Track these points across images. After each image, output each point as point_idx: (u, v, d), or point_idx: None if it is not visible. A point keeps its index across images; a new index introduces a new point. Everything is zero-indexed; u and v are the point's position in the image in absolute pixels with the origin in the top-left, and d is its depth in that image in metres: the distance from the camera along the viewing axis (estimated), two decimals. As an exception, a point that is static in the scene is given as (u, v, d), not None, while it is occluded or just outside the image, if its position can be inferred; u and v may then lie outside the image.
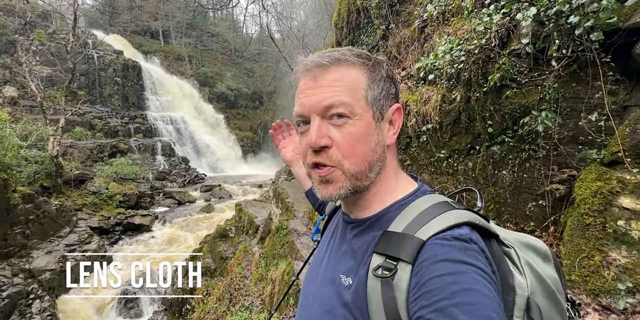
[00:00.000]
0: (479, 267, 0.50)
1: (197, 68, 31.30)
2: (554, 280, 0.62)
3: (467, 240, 0.53)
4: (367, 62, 0.65)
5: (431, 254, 0.52)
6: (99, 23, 29.66)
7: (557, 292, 0.61)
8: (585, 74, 2.20)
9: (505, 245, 0.62)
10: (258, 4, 12.06)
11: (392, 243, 0.57)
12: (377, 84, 0.65)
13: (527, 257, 0.63)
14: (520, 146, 2.66)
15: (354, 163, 0.62)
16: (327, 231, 0.84)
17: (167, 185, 17.22)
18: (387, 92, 0.66)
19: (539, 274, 0.61)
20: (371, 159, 0.63)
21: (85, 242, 9.06)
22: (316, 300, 0.69)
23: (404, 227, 0.59)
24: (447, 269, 0.49)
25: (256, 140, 31.59)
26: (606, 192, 1.95)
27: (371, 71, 0.65)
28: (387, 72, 0.67)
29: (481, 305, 0.45)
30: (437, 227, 0.55)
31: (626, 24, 1.94)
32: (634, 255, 1.75)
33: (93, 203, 12.21)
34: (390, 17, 5.30)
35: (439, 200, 0.63)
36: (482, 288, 0.47)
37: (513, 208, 2.74)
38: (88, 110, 20.22)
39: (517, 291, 0.57)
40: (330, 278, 0.67)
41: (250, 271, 5.88)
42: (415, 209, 0.62)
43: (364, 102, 0.62)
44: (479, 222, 0.58)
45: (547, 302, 0.59)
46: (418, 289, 0.50)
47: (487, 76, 2.75)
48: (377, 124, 0.64)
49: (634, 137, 1.96)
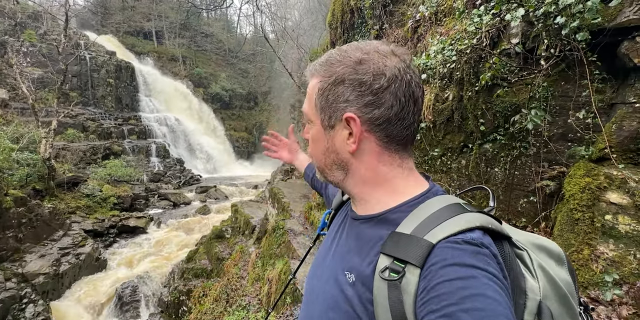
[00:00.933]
0: (490, 272, 0.49)
1: (191, 69, 31.14)
2: (567, 284, 0.61)
3: (478, 244, 0.52)
4: (328, 68, 0.66)
5: (441, 257, 0.51)
6: (91, 24, 29.36)
7: (570, 296, 0.60)
8: (573, 73, 2.25)
9: (518, 247, 0.61)
10: (252, 4, 12.04)
11: (400, 245, 0.56)
12: (330, 91, 0.65)
13: (540, 259, 0.62)
14: (512, 144, 2.71)
15: (314, 159, 0.75)
16: (333, 226, 0.84)
17: (162, 186, 17.11)
18: (342, 97, 0.64)
19: (552, 277, 0.59)
20: (325, 161, 0.71)
21: (79, 245, 8.96)
22: (320, 296, 0.69)
23: (413, 228, 0.58)
24: (457, 274, 0.48)
25: (251, 140, 31.52)
26: (594, 187, 2.00)
27: (328, 77, 0.65)
28: (354, 76, 0.62)
29: (492, 311, 0.44)
30: (448, 231, 0.54)
31: (611, 24, 1.99)
32: (621, 248, 1.80)
33: (87, 206, 12.10)
34: (383, 18, 5.35)
35: (451, 202, 0.61)
36: (493, 293, 0.46)
37: (505, 205, 2.79)
38: (81, 112, 20.01)
39: (529, 295, 0.56)
40: (335, 274, 0.67)
41: (247, 271, 5.88)
42: (425, 211, 0.60)
43: (315, 110, 0.69)
44: (492, 226, 0.57)
45: (559, 307, 0.57)
46: (427, 293, 0.49)
47: (478, 75, 2.80)
48: (326, 131, 0.69)
49: (620, 133, 2.01)
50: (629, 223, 1.84)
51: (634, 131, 1.96)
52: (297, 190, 7.60)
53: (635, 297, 1.65)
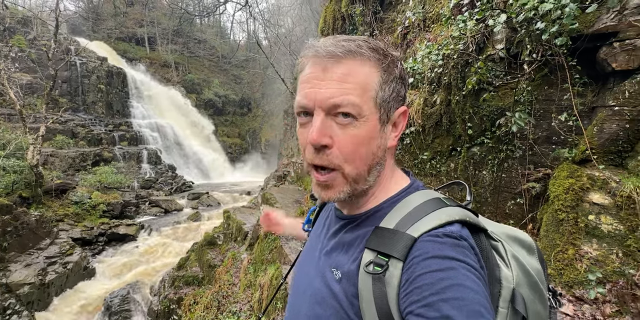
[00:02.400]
0: (468, 263, 0.51)
1: (183, 75, 31.06)
2: (537, 272, 0.64)
3: (457, 237, 0.54)
4: (383, 59, 0.62)
5: (422, 251, 0.53)
6: (82, 29, 29.17)
7: (540, 282, 0.63)
8: (555, 77, 2.32)
9: (493, 239, 0.64)
10: (245, 12, 12.11)
11: (384, 239, 0.58)
12: (389, 86, 0.62)
13: (514, 250, 0.65)
14: (499, 147, 2.76)
15: (354, 167, 0.61)
16: (318, 223, 0.85)
17: (153, 193, 16.86)
18: (397, 94, 0.64)
19: (524, 266, 0.62)
20: (372, 162, 0.62)
21: (66, 254, 8.74)
22: (307, 292, 0.70)
23: (395, 223, 0.59)
24: (437, 266, 0.50)
25: (245, 147, 31.40)
26: (577, 188, 2.04)
27: (385, 70, 0.61)
28: (400, 72, 0.64)
29: (470, 301, 0.46)
30: (429, 225, 0.56)
31: (590, 30, 2.07)
32: (604, 247, 1.83)
33: (75, 213, 11.83)
34: (374, 24, 5.44)
35: (432, 197, 0.63)
36: (471, 284, 0.48)
37: (494, 207, 2.82)
38: (70, 118, 19.73)
39: (503, 283, 0.58)
40: (322, 271, 0.68)
41: (239, 278, 5.81)
42: (407, 206, 0.62)
43: (373, 104, 0.60)
44: (469, 219, 0.59)
45: (530, 293, 0.60)
46: (409, 284, 0.51)
47: (465, 80, 2.86)
48: (382, 127, 0.62)
49: (601, 136, 2.07)
50: (611, 223, 1.88)
51: (613, 133, 2.02)
52: (289, 196, 7.58)
53: (618, 295, 1.67)
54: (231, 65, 35.58)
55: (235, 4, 12.66)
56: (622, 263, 1.76)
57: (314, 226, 0.88)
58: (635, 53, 1.93)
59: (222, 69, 35.92)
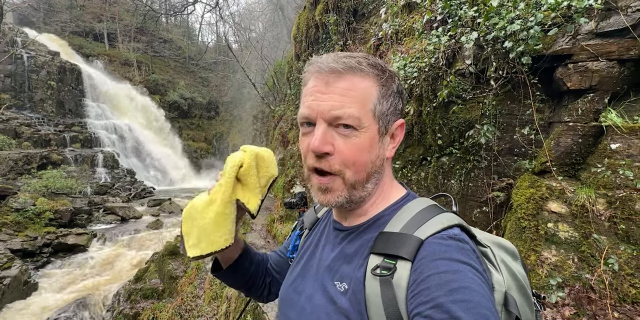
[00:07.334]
0: (474, 267, 0.53)
1: (147, 74, 29.50)
2: (522, 276, 0.67)
3: (460, 240, 0.57)
4: (381, 74, 0.66)
5: (430, 251, 0.55)
6: (31, 20, 26.78)
7: (526, 286, 0.66)
8: (518, 93, 2.49)
9: (482, 245, 0.66)
10: (215, 13, 11.87)
11: (391, 242, 0.60)
12: (387, 100, 0.66)
13: (501, 255, 0.68)
14: (466, 157, 2.89)
15: (354, 172, 0.64)
16: (310, 242, 0.84)
17: (108, 200, 15.65)
18: (394, 107, 0.68)
19: (512, 270, 0.66)
20: (370, 170, 0.66)
21: (3, 268, 7.79)
22: (305, 311, 0.68)
23: (401, 227, 0.62)
24: (445, 267, 0.52)
25: (210, 151, 30.35)
26: (537, 198, 2.18)
27: (383, 85, 0.65)
28: (397, 87, 0.68)
29: (477, 303, 0.47)
30: (433, 228, 0.59)
31: (549, 51, 2.25)
32: (562, 253, 1.97)
33: (16, 221, 10.63)
34: (347, 34, 5.55)
35: (429, 204, 0.67)
36: (478, 287, 0.50)
37: (461, 215, 2.94)
38: (13, 116, 17.86)
39: (496, 287, 0.60)
40: (321, 286, 0.68)
41: (204, 290, 5.51)
42: (408, 212, 0.65)
43: (372, 116, 0.64)
44: (465, 225, 0.63)
45: (519, 296, 0.63)
46: (417, 285, 0.52)
47: (436, 92, 2.99)
48: (380, 138, 0.66)
49: (557, 149, 2.24)
50: (567, 230, 2.02)
51: (568, 147, 2.20)
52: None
53: (575, 298, 1.80)
54: (199, 67, 34.47)
55: (205, 5, 12.34)
56: (578, 268, 1.89)
57: (303, 248, 0.86)
58: (587, 74, 2.12)
59: (188, 70, 34.67)
